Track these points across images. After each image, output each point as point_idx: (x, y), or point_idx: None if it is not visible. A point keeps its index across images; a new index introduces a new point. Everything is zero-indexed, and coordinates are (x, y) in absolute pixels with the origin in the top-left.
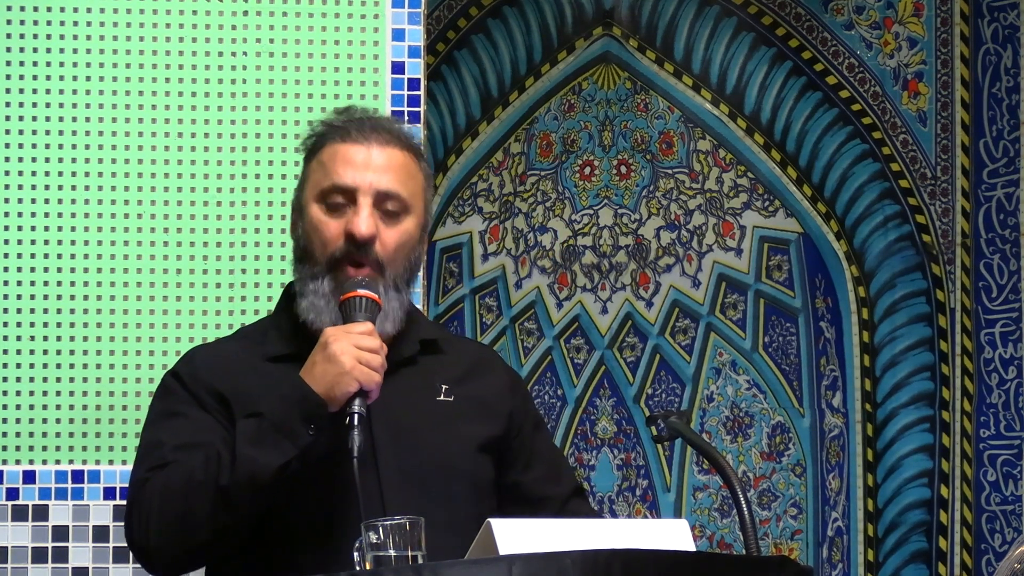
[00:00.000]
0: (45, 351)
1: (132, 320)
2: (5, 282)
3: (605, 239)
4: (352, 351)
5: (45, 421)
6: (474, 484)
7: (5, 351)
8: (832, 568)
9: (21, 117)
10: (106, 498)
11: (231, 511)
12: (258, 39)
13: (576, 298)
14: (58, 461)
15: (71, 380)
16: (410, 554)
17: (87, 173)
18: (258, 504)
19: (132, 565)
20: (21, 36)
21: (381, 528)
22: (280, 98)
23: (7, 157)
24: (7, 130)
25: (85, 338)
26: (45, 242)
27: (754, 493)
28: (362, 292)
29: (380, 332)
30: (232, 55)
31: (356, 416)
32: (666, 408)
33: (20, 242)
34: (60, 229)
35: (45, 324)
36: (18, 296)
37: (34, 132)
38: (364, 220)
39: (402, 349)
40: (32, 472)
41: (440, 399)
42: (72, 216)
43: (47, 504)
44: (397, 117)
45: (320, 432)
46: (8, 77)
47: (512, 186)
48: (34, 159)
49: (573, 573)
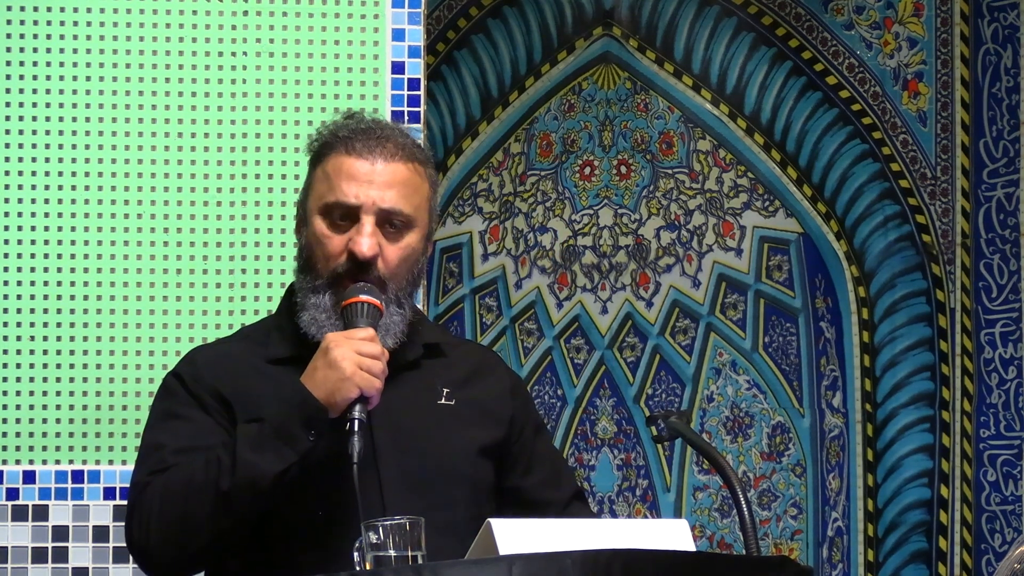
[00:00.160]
0: (45, 351)
1: (132, 320)
2: (5, 282)
3: (605, 239)
4: (353, 357)
5: (45, 421)
6: (474, 488)
7: (5, 351)
8: (832, 568)
9: (21, 117)
10: (106, 498)
11: (231, 515)
12: (258, 39)
13: (576, 298)
14: (58, 461)
15: (71, 380)
16: (410, 554)
17: (87, 173)
18: (258, 508)
19: (132, 565)
20: (21, 36)
21: (381, 528)
22: (280, 98)
23: (7, 157)
24: (7, 130)
25: (85, 338)
26: (45, 242)
27: (754, 493)
28: (364, 298)
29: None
30: (232, 55)
31: (356, 422)
32: (666, 408)
33: (20, 242)
34: (60, 229)
35: (45, 324)
36: (18, 296)
37: (34, 132)
38: (366, 241)
39: (405, 353)
40: (32, 472)
41: (441, 403)
42: (72, 216)
43: (47, 504)
44: (399, 121)
45: (320, 438)
46: (8, 77)
47: (512, 186)
48: (34, 159)
49: (573, 573)
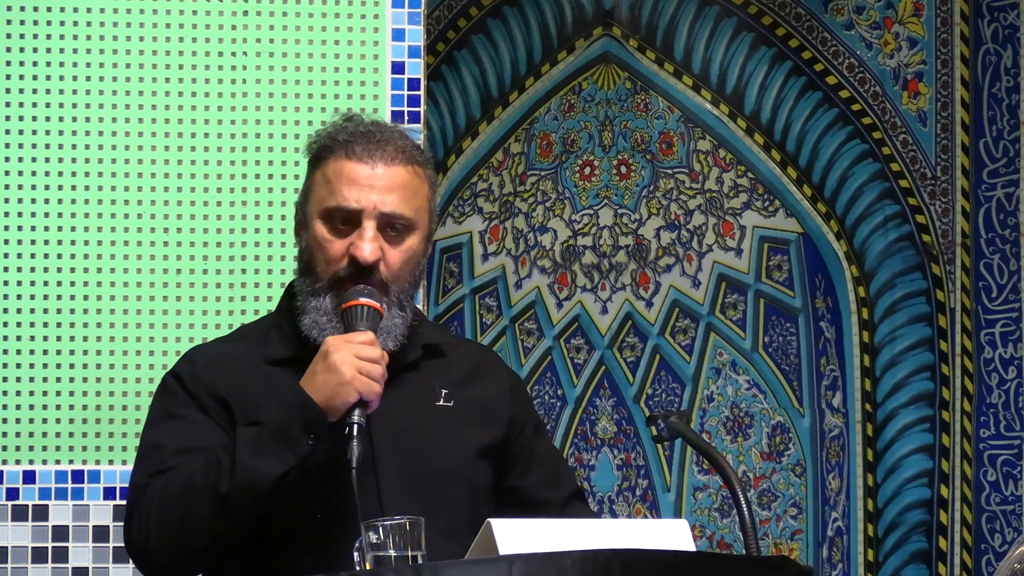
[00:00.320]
0: (45, 351)
1: (132, 320)
2: (5, 282)
3: (605, 239)
4: (353, 361)
5: (45, 421)
6: (473, 489)
7: (5, 351)
8: (832, 568)
9: (21, 117)
10: (106, 498)
11: (230, 518)
12: (258, 39)
13: (576, 298)
14: (58, 461)
15: (71, 380)
16: (410, 554)
17: (87, 173)
18: (257, 511)
19: (132, 565)
20: (21, 36)
21: (381, 528)
22: (280, 98)
23: (7, 157)
24: (7, 130)
25: (85, 338)
26: (45, 242)
27: (754, 493)
28: (364, 301)
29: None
30: (232, 55)
31: (355, 426)
32: (666, 408)
33: (20, 242)
34: (60, 229)
35: (45, 324)
36: (18, 296)
37: (34, 132)
38: (368, 246)
39: (404, 355)
40: (32, 472)
41: (440, 404)
42: (72, 216)
43: (47, 504)
44: (399, 121)
45: (319, 442)
46: (8, 77)
47: (512, 186)
48: (34, 159)
49: (573, 573)
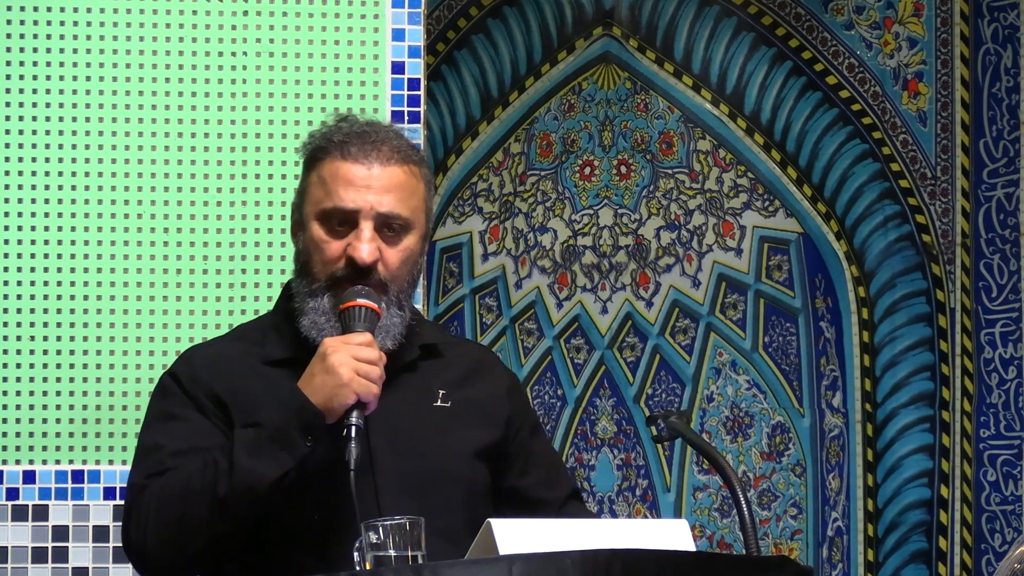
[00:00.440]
0: (45, 351)
1: (132, 320)
2: (5, 282)
3: (605, 239)
4: (351, 363)
5: (45, 421)
6: (471, 490)
7: (5, 351)
8: (832, 568)
9: (21, 117)
10: (106, 498)
11: (228, 520)
12: (258, 39)
13: (576, 298)
14: (58, 461)
15: (71, 380)
16: (410, 554)
17: (87, 173)
18: (255, 513)
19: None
20: (21, 36)
21: (381, 528)
22: (280, 98)
23: (7, 157)
24: (7, 130)
25: (85, 338)
26: (45, 242)
27: (754, 493)
28: (361, 302)
29: (379, 347)
30: (232, 55)
31: (353, 428)
32: (666, 408)
33: (20, 242)
34: (60, 229)
35: (45, 324)
36: (18, 296)
37: (34, 132)
38: (366, 247)
39: (402, 356)
40: (32, 472)
41: (437, 405)
42: (72, 216)
43: (47, 504)
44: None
45: (318, 443)
46: (8, 77)
47: (512, 186)
48: (34, 159)
49: (573, 573)
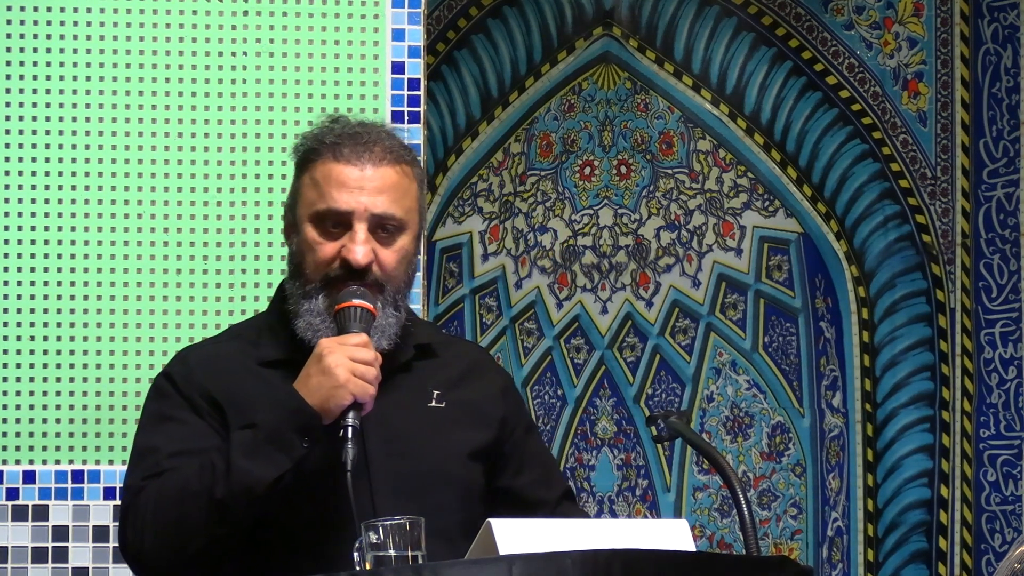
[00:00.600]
0: (45, 351)
1: (132, 320)
2: (5, 282)
3: (605, 239)
4: (347, 364)
5: (45, 421)
6: (465, 491)
7: (5, 351)
8: (832, 568)
9: (21, 117)
10: (106, 498)
11: (225, 522)
12: (258, 39)
13: (576, 298)
14: (58, 461)
15: (71, 380)
16: (410, 554)
17: (87, 173)
18: (253, 515)
19: None
20: (21, 36)
21: (381, 528)
22: (280, 98)
23: (7, 157)
24: (7, 130)
25: (85, 338)
26: (45, 242)
27: (754, 493)
28: (357, 302)
29: (375, 347)
30: (232, 55)
31: (350, 429)
32: (666, 408)
33: (20, 242)
34: (60, 229)
35: (45, 324)
36: (18, 296)
37: (34, 132)
38: (360, 249)
39: (397, 356)
40: (32, 472)
41: (431, 406)
42: (72, 216)
43: (47, 504)
44: (394, 123)
45: (314, 444)
46: (8, 77)
47: (512, 186)
48: (34, 159)
49: (573, 573)
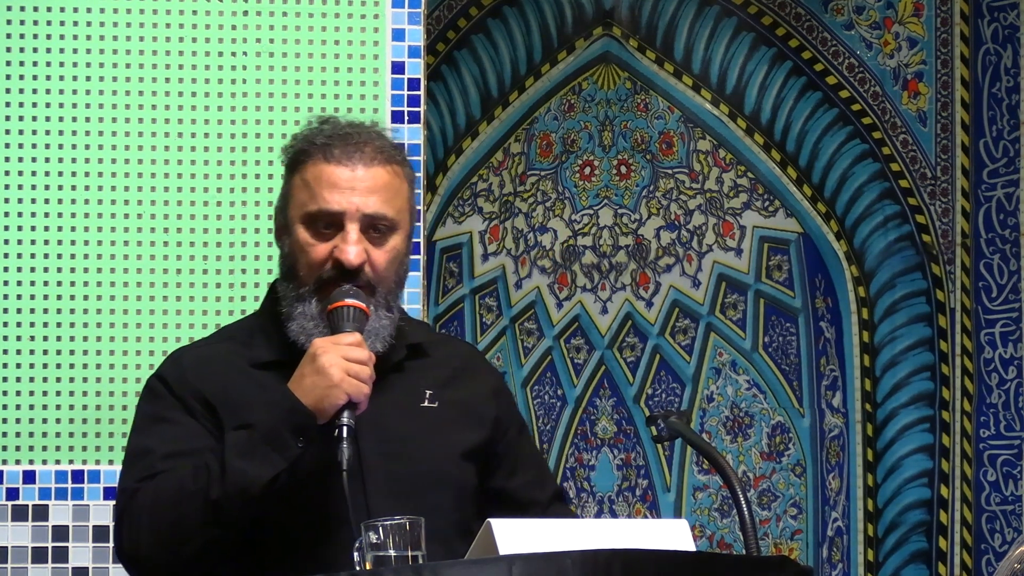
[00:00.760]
0: (45, 351)
1: (132, 320)
2: (5, 282)
3: (605, 239)
4: (341, 363)
5: (45, 421)
6: (459, 492)
7: (5, 351)
8: (832, 568)
9: (21, 117)
10: (106, 498)
11: (221, 523)
12: (258, 39)
13: (576, 298)
14: (58, 461)
15: (71, 380)
16: (410, 554)
17: (87, 173)
18: (248, 515)
19: None
20: (21, 36)
21: (381, 528)
22: (280, 98)
23: (7, 157)
24: (7, 130)
25: (85, 338)
26: (45, 242)
27: (754, 493)
28: (350, 302)
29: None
30: (232, 55)
31: (345, 428)
32: (666, 408)
33: (20, 242)
34: (60, 229)
35: (45, 324)
36: (18, 296)
37: (34, 132)
38: (353, 249)
39: (389, 356)
40: (32, 472)
41: (424, 406)
42: (72, 216)
43: (47, 504)
44: (394, 123)
45: (309, 444)
46: (8, 77)
47: (512, 186)
48: (34, 159)
49: (573, 573)
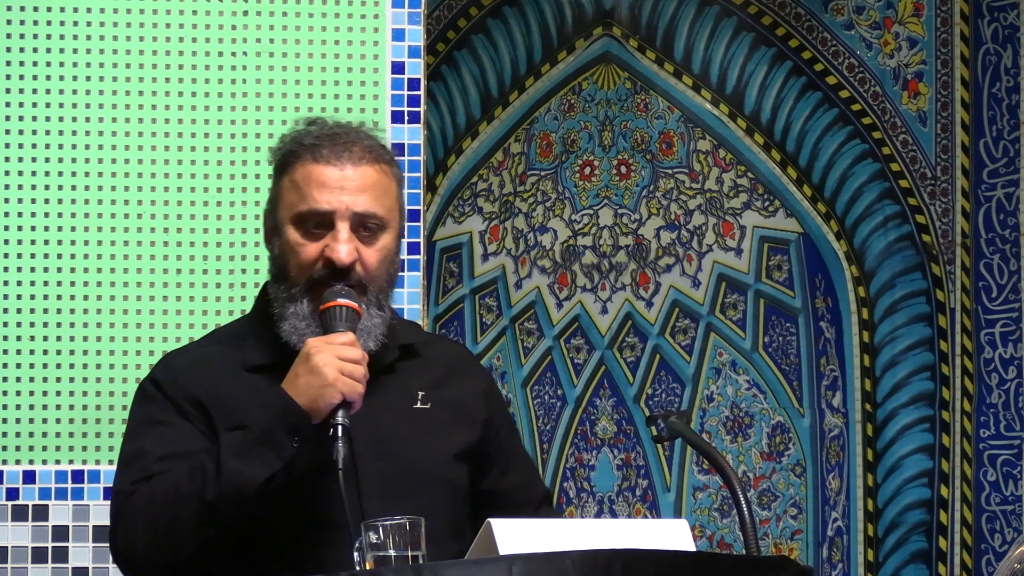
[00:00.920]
0: (45, 351)
1: (132, 320)
2: (5, 282)
3: (605, 239)
4: (335, 363)
5: (45, 421)
6: (453, 492)
7: (5, 351)
8: (832, 568)
9: (21, 117)
10: (106, 498)
11: (217, 524)
12: (258, 39)
13: (576, 298)
14: (58, 461)
15: (71, 380)
16: (410, 554)
17: (87, 173)
18: (244, 516)
19: None
20: (21, 36)
21: (381, 528)
22: (280, 98)
23: (7, 157)
24: (7, 130)
25: (85, 338)
26: (45, 242)
27: (754, 493)
28: (342, 302)
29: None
30: (232, 55)
31: (340, 427)
32: (666, 408)
33: (20, 242)
34: (60, 229)
35: (45, 324)
36: (18, 296)
37: (34, 132)
38: (344, 247)
39: (381, 357)
40: (32, 472)
41: (417, 407)
42: (72, 216)
43: (47, 504)
44: (394, 123)
45: (304, 444)
46: (8, 77)
47: (512, 186)
48: (34, 159)
49: (573, 573)
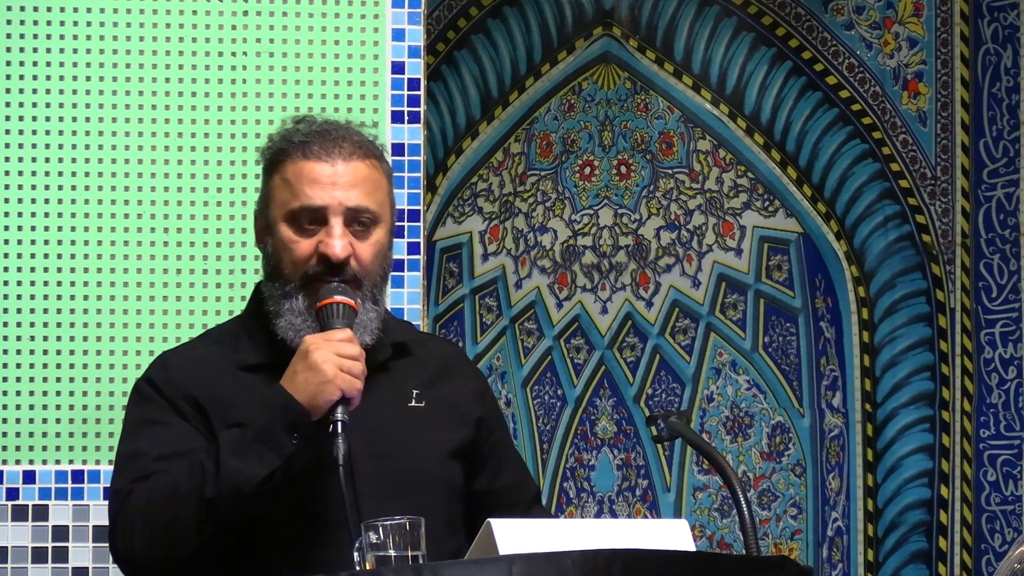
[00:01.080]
0: (45, 351)
1: (132, 320)
2: (5, 282)
3: (605, 239)
4: (334, 359)
5: (45, 421)
6: (448, 491)
7: (5, 351)
8: (832, 568)
9: (21, 117)
10: (106, 498)
11: (216, 522)
12: (258, 39)
13: (576, 298)
14: (58, 461)
15: (71, 380)
16: (410, 554)
17: (87, 173)
18: (243, 514)
19: None
20: (21, 36)
21: (381, 528)
22: (280, 98)
23: (7, 157)
24: (7, 130)
25: (85, 338)
26: (45, 242)
27: (754, 493)
28: (339, 298)
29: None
30: (232, 55)
31: (340, 424)
32: (666, 408)
33: (20, 242)
34: (60, 229)
35: (45, 324)
36: (18, 296)
37: (34, 132)
38: (338, 242)
39: (375, 355)
40: (32, 472)
41: (411, 405)
42: (72, 216)
43: (47, 504)
44: (394, 123)
45: (304, 441)
46: (8, 77)
47: (512, 186)
48: (34, 159)
49: (573, 573)
